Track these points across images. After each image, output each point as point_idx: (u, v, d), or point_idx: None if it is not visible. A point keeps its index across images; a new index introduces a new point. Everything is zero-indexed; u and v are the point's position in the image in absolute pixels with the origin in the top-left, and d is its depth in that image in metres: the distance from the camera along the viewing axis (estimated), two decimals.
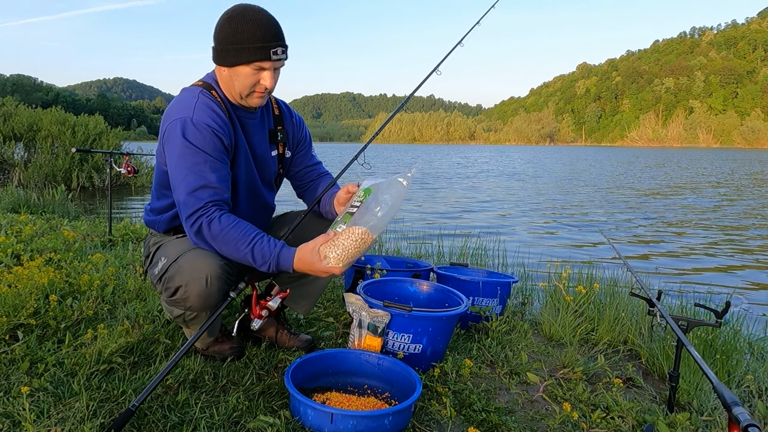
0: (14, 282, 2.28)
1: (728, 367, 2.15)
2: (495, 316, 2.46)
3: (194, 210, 1.51)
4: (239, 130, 1.72)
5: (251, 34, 1.50)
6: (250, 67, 1.55)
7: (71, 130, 12.18)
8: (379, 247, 4.54)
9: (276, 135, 1.84)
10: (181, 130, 1.53)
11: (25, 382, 1.61)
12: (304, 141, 1.98)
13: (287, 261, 1.51)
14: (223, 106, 1.65)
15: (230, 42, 1.53)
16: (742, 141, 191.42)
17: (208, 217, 1.51)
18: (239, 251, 1.51)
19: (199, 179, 1.51)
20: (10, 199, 6.31)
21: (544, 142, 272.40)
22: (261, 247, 1.51)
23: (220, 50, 1.57)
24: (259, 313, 1.81)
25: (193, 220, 1.51)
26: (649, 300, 1.96)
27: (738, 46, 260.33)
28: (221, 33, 1.55)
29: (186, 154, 1.52)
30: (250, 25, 1.50)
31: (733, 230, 8.28)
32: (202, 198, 1.51)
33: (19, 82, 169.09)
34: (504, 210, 10.51)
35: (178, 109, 1.58)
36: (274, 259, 1.51)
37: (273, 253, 1.51)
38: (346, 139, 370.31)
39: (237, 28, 1.51)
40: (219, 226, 1.50)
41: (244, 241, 1.50)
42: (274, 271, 1.53)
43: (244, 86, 1.59)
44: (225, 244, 1.52)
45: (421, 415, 1.65)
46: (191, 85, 1.69)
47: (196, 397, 1.64)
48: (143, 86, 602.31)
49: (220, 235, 1.51)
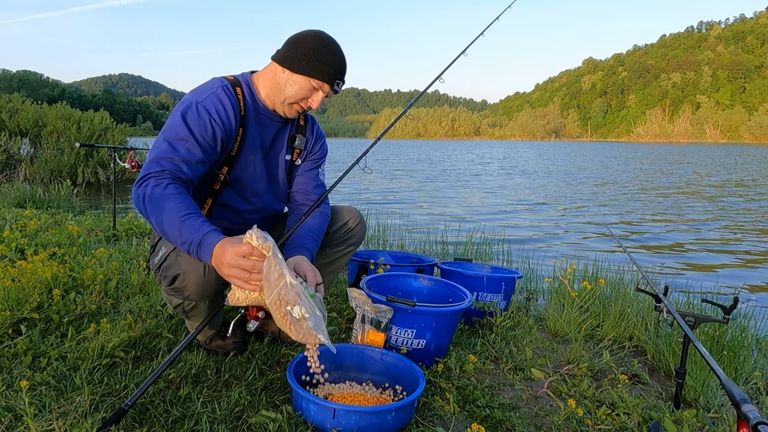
0: (18, 276, 2.28)
1: (735, 363, 2.13)
2: (499, 311, 2.44)
3: (149, 171, 1.44)
4: (254, 127, 1.71)
5: (330, 60, 1.62)
6: (311, 82, 1.63)
7: (77, 125, 12.23)
8: (383, 242, 4.53)
9: (294, 139, 1.84)
10: (184, 108, 1.56)
11: (28, 376, 1.61)
12: (318, 152, 1.94)
13: (209, 246, 1.34)
14: (241, 104, 1.65)
15: (309, 55, 1.61)
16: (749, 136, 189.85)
17: (157, 180, 1.42)
18: (169, 220, 1.36)
19: (171, 152, 1.48)
20: (16, 194, 6.33)
21: (549, 137, 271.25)
22: (192, 223, 1.35)
23: (295, 56, 1.62)
24: (255, 315, 1.80)
25: (145, 179, 1.43)
26: (655, 295, 1.94)
27: (746, 41, 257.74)
28: (303, 44, 1.62)
29: (174, 127, 1.53)
30: (332, 52, 1.63)
31: (741, 226, 8.21)
32: (162, 165, 1.46)
33: (25, 78, 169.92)
34: (508, 205, 10.47)
35: (193, 92, 1.63)
36: (197, 238, 1.34)
37: (201, 232, 1.34)
38: (351, 134, 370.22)
39: (320, 47, 1.61)
40: (163, 190, 1.40)
41: (179, 211, 1.36)
42: (197, 256, 1.36)
43: (295, 95, 1.64)
44: (158, 209, 1.38)
45: (424, 410, 1.64)
46: (221, 77, 1.69)
47: (198, 391, 1.63)
48: (149, 82, 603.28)
49: (159, 198, 1.39)
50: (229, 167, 1.70)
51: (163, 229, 1.38)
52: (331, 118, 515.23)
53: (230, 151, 1.67)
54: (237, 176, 1.72)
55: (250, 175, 1.75)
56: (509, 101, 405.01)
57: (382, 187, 14.19)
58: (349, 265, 2.79)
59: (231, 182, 1.71)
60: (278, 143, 1.82)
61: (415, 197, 11.81)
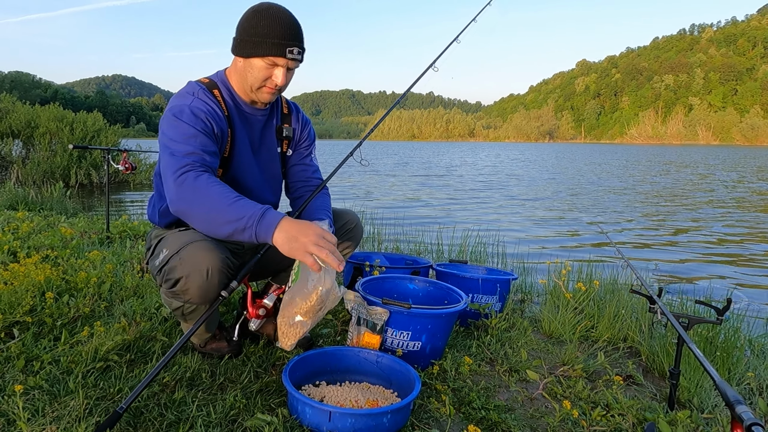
0: (11, 279, 2.26)
1: (729, 364, 2.14)
2: (494, 313, 2.44)
3: (182, 164, 1.45)
4: (241, 126, 1.72)
5: (271, 30, 1.54)
6: (264, 61, 1.58)
7: (69, 127, 12.14)
8: (378, 244, 4.53)
9: (281, 131, 1.85)
10: (177, 112, 1.55)
11: (21, 380, 1.60)
12: (306, 139, 1.96)
13: (273, 219, 1.37)
14: (223, 105, 1.66)
15: (250, 34, 1.56)
16: (741, 138, 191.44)
17: (196, 171, 1.44)
18: (220, 205, 1.38)
19: (189, 147, 1.49)
20: (8, 196, 6.28)
21: (543, 139, 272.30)
22: (246, 202, 1.39)
23: (240, 41, 1.59)
24: (256, 313, 1.80)
25: (181, 172, 1.44)
26: (649, 297, 1.95)
27: (738, 43, 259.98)
28: (243, 24, 1.58)
29: (177, 130, 1.52)
30: (272, 21, 1.54)
31: (734, 227, 8.27)
32: (192, 159, 1.47)
33: (17, 79, 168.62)
34: (502, 206, 10.49)
35: (178, 98, 1.63)
36: (258, 212, 1.37)
37: (260, 207, 1.38)
38: (346, 136, 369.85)
39: (259, 22, 1.55)
40: (207, 178, 1.44)
41: (229, 195, 1.40)
42: (254, 231, 1.37)
43: (256, 79, 1.61)
44: (208, 196, 1.40)
45: (420, 412, 1.64)
46: (196, 81, 1.69)
47: (193, 395, 1.62)
48: (142, 83, 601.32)
49: (204, 187, 1.41)
50: (225, 169, 1.71)
51: (210, 212, 1.39)
52: (325, 120, 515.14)
53: (223, 153, 1.68)
54: (233, 176, 1.74)
55: (245, 174, 1.77)
56: (503, 103, 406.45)
57: (378, 187, 14.19)
58: (345, 267, 2.79)
59: (227, 182, 1.72)
60: (268, 137, 1.83)
61: (411, 199, 11.82)
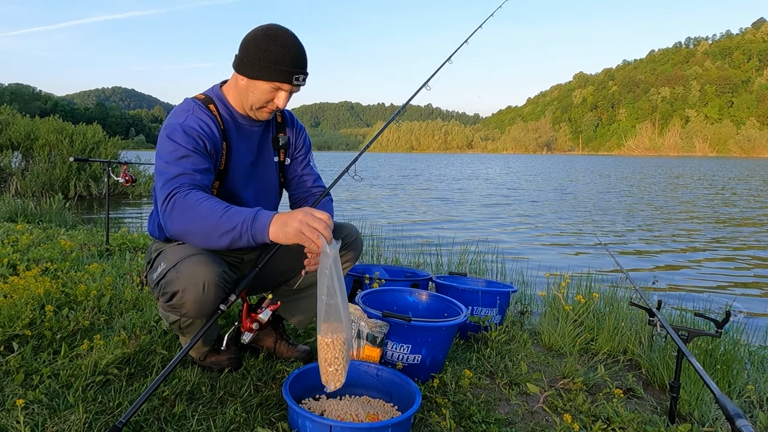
0: (10, 292, 2.26)
1: (729, 377, 2.14)
2: (494, 325, 2.44)
3: (170, 190, 1.47)
4: (238, 139, 1.74)
5: (280, 57, 1.56)
6: (269, 85, 1.60)
7: (69, 139, 12.18)
8: (378, 256, 4.53)
9: (278, 141, 1.87)
10: (170, 132, 1.57)
11: (20, 394, 1.59)
12: (302, 147, 1.98)
13: (266, 217, 1.39)
14: (219, 119, 1.69)
15: (259, 58, 1.57)
16: (738, 150, 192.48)
17: (182, 192, 1.46)
18: (211, 219, 1.40)
19: (179, 169, 1.51)
20: (8, 208, 6.28)
21: (541, 151, 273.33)
22: (236, 210, 1.41)
23: (246, 61, 1.60)
24: (249, 326, 1.80)
25: (169, 197, 1.46)
26: (649, 310, 1.95)
27: (733, 56, 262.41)
28: (252, 46, 1.59)
29: (169, 149, 1.54)
30: (282, 48, 1.57)
31: (733, 241, 8.29)
32: (180, 181, 1.49)
33: (17, 91, 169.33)
34: (503, 219, 10.51)
35: (173, 116, 1.65)
36: (250, 215, 1.39)
37: (251, 210, 1.40)
38: (344, 147, 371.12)
39: (269, 47, 1.56)
40: (195, 196, 1.45)
41: (217, 208, 1.41)
42: (250, 235, 1.38)
43: (258, 100, 1.64)
44: (197, 213, 1.42)
45: (420, 426, 1.63)
46: (191, 98, 1.72)
47: (193, 409, 1.62)
48: (142, 95, 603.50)
49: (193, 206, 1.43)
50: (221, 181, 1.73)
51: (204, 228, 1.41)
52: (324, 131, 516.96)
53: (219, 166, 1.70)
54: (228, 189, 1.75)
55: (242, 186, 1.78)
56: (501, 115, 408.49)
57: (377, 200, 14.21)
58: (345, 280, 2.79)
59: (224, 195, 1.73)
60: (265, 149, 1.85)
61: (409, 210, 11.83)
